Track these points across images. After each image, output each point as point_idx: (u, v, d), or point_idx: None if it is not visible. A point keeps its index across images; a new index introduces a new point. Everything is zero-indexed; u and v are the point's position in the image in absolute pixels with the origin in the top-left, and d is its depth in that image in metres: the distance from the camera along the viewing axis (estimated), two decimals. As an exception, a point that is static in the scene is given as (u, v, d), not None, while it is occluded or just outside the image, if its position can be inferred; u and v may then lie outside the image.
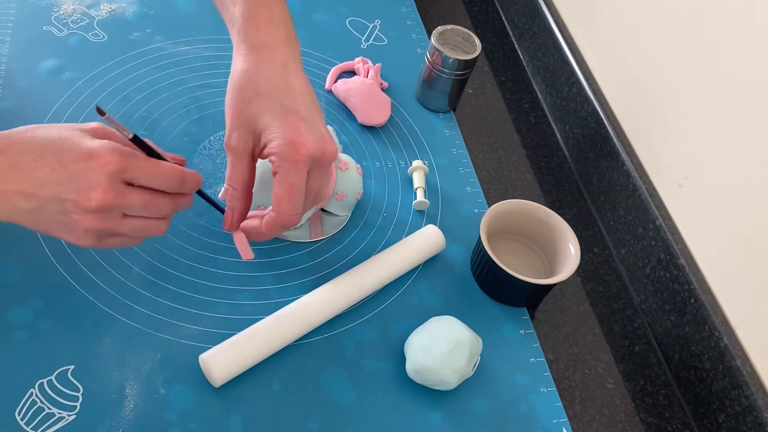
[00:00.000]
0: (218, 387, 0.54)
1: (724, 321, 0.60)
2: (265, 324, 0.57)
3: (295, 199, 0.50)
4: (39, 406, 0.51)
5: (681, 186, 0.66)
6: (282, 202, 0.49)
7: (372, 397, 0.57)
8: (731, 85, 0.60)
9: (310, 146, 0.49)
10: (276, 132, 0.49)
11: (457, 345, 0.56)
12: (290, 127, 0.49)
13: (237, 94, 0.50)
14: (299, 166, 0.49)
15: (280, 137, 0.49)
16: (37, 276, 0.58)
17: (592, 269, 0.72)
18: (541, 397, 0.60)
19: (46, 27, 0.78)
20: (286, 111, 0.49)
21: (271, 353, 0.56)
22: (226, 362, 0.54)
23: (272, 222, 0.51)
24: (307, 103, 0.51)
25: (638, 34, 0.73)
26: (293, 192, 0.49)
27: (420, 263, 0.66)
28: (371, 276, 0.62)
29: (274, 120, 0.49)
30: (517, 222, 0.67)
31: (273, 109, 0.49)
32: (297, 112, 0.50)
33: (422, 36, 0.91)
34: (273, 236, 0.52)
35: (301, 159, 0.49)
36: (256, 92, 0.50)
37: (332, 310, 0.60)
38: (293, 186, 0.49)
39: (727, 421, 0.58)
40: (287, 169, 0.49)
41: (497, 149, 0.80)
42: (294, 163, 0.49)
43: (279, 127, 0.49)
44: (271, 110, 0.49)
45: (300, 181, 0.49)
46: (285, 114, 0.49)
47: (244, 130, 0.50)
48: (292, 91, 0.50)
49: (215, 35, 0.82)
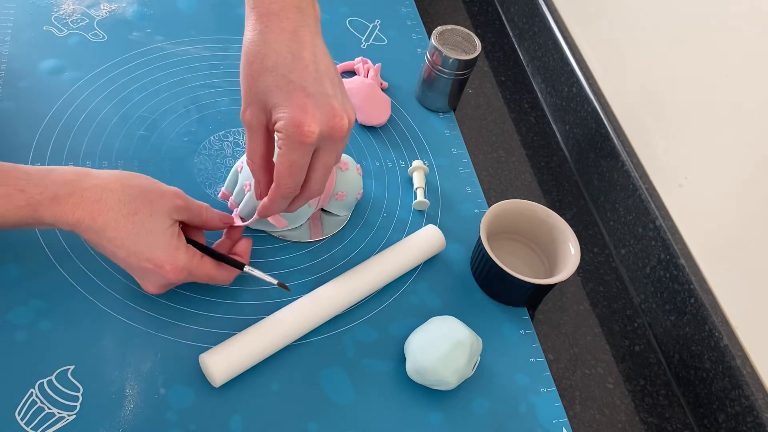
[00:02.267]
0: (218, 387, 0.54)
1: (724, 321, 0.59)
2: (265, 324, 0.57)
3: (295, 175, 0.51)
4: (39, 406, 0.51)
5: (681, 186, 0.66)
6: (281, 177, 0.51)
7: (372, 397, 0.57)
8: (731, 85, 0.60)
9: (316, 126, 0.48)
10: (282, 111, 0.49)
11: (457, 345, 0.56)
12: (296, 106, 0.48)
13: (247, 68, 0.50)
14: (303, 147, 0.49)
15: (286, 117, 0.48)
16: (37, 276, 0.58)
17: (592, 269, 0.72)
18: (541, 397, 0.60)
19: (46, 27, 0.78)
20: (293, 87, 0.48)
21: (271, 353, 0.56)
22: (226, 362, 0.54)
23: (272, 193, 0.53)
24: (317, 76, 0.49)
25: (638, 34, 0.73)
26: (294, 169, 0.51)
27: (420, 263, 0.66)
28: (371, 276, 0.62)
29: (281, 97, 0.49)
30: (517, 222, 0.67)
31: (279, 85, 0.49)
32: (303, 89, 0.49)
33: (422, 36, 0.91)
34: (278, 209, 0.55)
35: (305, 141, 0.49)
36: (263, 66, 0.49)
37: (332, 310, 0.60)
38: (293, 164, 0.50)
39: (727, 421, 0.58)
40: (291, 148, 0.49)
41: (497, 149, 0.80)
42: (298, 144, 0.49)
43: (285, 107, 0.49)
44: (278, 86, 0.49)
45: (301, 159, 0.50)
46: (291, 91, 0.49)
47: (256, 105, 0.51)
48: (299, 63, 0.49)
49: (215, 35, 0.82)
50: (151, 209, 0.52)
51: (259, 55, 0.49)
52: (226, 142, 0.72)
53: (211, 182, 0.69)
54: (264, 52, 0.49)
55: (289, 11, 0.49)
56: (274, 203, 0.54)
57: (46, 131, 0.68)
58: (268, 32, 0.49)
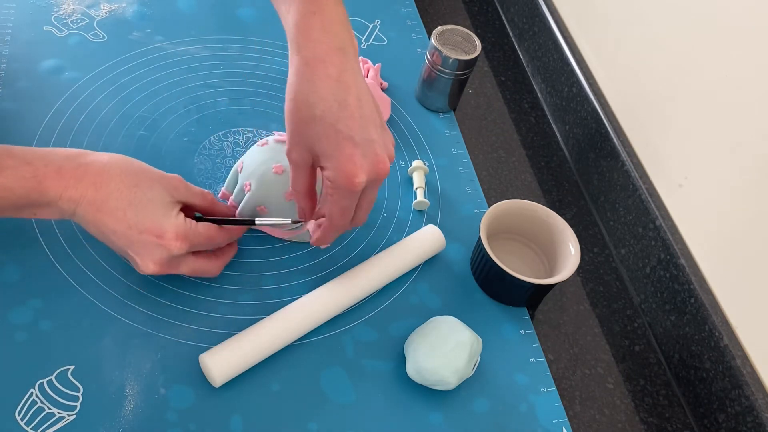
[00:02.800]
0: (218, 387, 0.54)
1: (724, 321, 0.59)
2: (265, 324, 0.57)
3: (347, 216, 0.54)
4: (39, 406, 0.51)
5: (681, 186, 0.66)
6: (335, 219, 0.54)
7: (372, 397, 0.57)
8: (731, 85, 0.60)
9: (364, 176, 0.51)
10: (331, 162, 0.51)
11: (457, 345, 0.56)
12: (344, 157, 0.50)
13: (295, 114, 0.51)
14: (353, 195, 0.52)
15: (334, 168, 0.51)
16: (37, 276, 0.58)
17: (592, 269, 0.72)
18: (541, 397, 0.60)
19: (46, 27, 0.78)
20: (341, 138, 0.50)
21: (271, 353, 0.56)
22: (226, 362, 0.54)
23: (326, 230, 0.56)
24: (362, 123, 0.51)
25: (638, 34, 0.73)
26: (346, 212, 0.54)
27: (420, 263, 0.66)
28: (371, 276, 0.62)
29: (329, 147, 0.51)
30: (517, 222, 0.67)
31: (327, 135, 0.50)
32: (351, 139, 0.50)
33: (422, 36, 0.91)
34: (330, 241, 0.58)
35: (354, 189, 0.51)
36: (311, 115, 0.50)
37: (333, 310, 0.60)
38: (345, 209, 0.54)
39: (727, 421, 0.58)
40: (342, 196, 0.52)
41: (497, 149, 0.80)
42: (348, 192, 0.52)
43: (334, 158, 0.51)
44: (326, 136, 0.50)
45: (351, 203, 0.53)
46: (339, 141, 0.50)
47: (303, 148, 0.53)
48: (345, 111, 0.50)
49: (215, 35, 0.82)
50: (152, 184, 0.54)
51: (306, 104, 0.50)
52: (226, 142, 0.72)
53: (211, 182, 0.69)
54: (311, 100, 0.50)
55: (334, 55, 0.51)
56: (327, 236, 0.57)
57: (46, 131, 0.68)
58: (315, 80, 0.50)
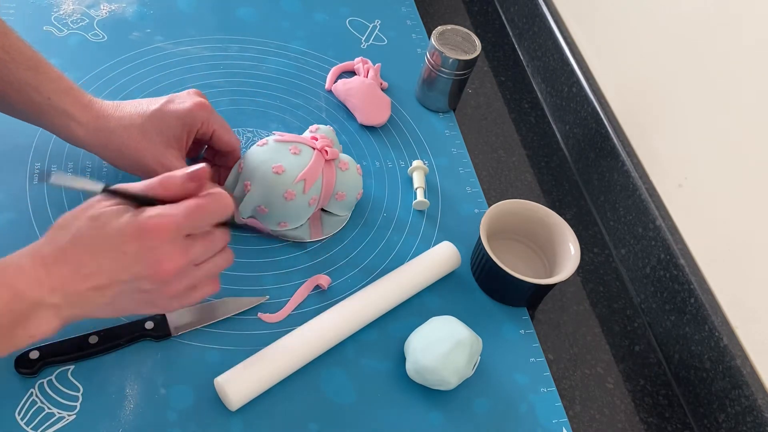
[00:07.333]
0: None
1: (724, 321, 0.60)
2: (283, 347, 0.56)
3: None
4: (39, 406, 0.51)
5: (681, 186, 0.66)
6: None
7: (372, 397, 0.57)
8: (731, 85, 0.60)
9: None
10: None
11: (457, 345, 0.56)
12: None
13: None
14: None
15: None
16: (37, 276, 0.58)
17: (592, 269, 0.72)
18: (541, 397, 0.60)
19: (46, 27, 0.78)
20: None
21: (287, 375, 0.56)
22: (244, 389, 0.53)
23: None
24: None
25: (638, 34, 0.73)
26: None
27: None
28: (390, 297, 0.62)
29: None
30: (517, 222, 0.67)
31: None
32: None
33: (422, 36, 0.91)
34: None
35: None
36: None
37: (350, 329, 0.59)
38: None
39: (727, 421, 0.58)
40: None
41: (497, 149, 0.80)
42: None
43: None
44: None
45: None
46: None
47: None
48: None
49: (215, 35, 0.82)
50: (168, 109, 0.60)
51: None
52: (226, 142, 0.72)
53: (211, 182, 0.68)
54: None
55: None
56: None
57: (46, 131, 0.68)
58: None
